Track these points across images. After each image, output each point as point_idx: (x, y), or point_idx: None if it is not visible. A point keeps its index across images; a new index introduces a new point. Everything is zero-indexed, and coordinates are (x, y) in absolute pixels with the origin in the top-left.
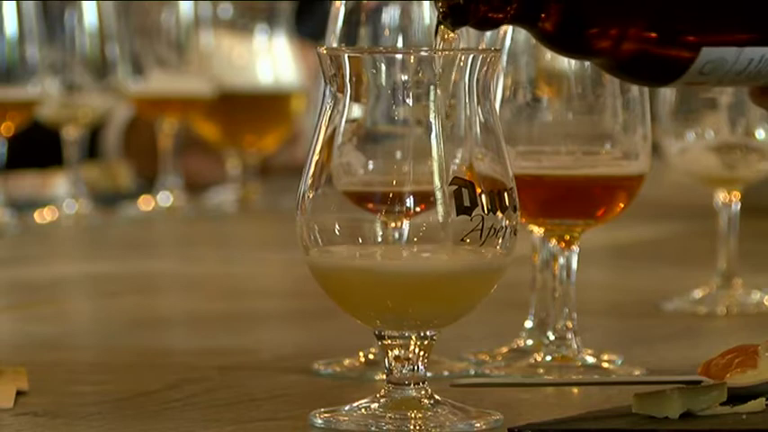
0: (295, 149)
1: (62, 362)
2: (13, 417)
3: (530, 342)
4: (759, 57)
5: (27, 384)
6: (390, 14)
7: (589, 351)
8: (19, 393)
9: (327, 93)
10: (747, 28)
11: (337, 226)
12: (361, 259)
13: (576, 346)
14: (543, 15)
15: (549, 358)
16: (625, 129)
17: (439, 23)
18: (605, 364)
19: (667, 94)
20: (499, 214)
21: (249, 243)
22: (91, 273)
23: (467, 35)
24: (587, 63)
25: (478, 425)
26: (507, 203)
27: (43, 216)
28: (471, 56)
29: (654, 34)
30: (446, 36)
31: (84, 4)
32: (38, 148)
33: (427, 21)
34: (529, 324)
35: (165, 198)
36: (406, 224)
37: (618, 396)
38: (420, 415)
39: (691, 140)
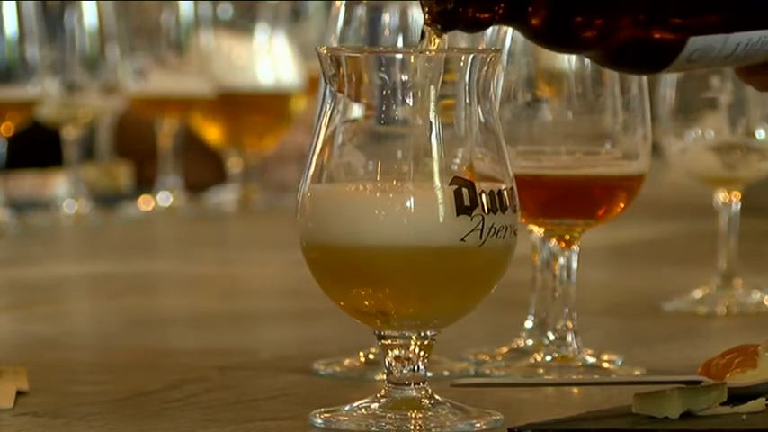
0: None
1: (62, 362)
2: (13, 417)
3: (530, 342)
4: (745, 41)
5: (27, 384)
6: (390, 15)
7: (589, 351)
8: (19, 393)
9: (327, 93)
10: (732, 14)
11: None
12: (358, 242)
13: (576, 346)
14: (531, 11)
15: (549, 358)
16: (625, 129)
17: (425, 26)
18: (605, 364)
19: (667, 94)
20: (499, 214)
21: (249, 243)
22: (91, 273)
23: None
24: (587, 62)
25: (478, 425)
26: (507, 203)
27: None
28: (471, 56)
29: (641, 25)
30: (433, 40)
31: (84, 4)
32: (38, 148)
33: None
34: (529, 324)
35: (164, 198)
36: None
37: (618, 396)
38: (420, 415)
39: (691, 140)
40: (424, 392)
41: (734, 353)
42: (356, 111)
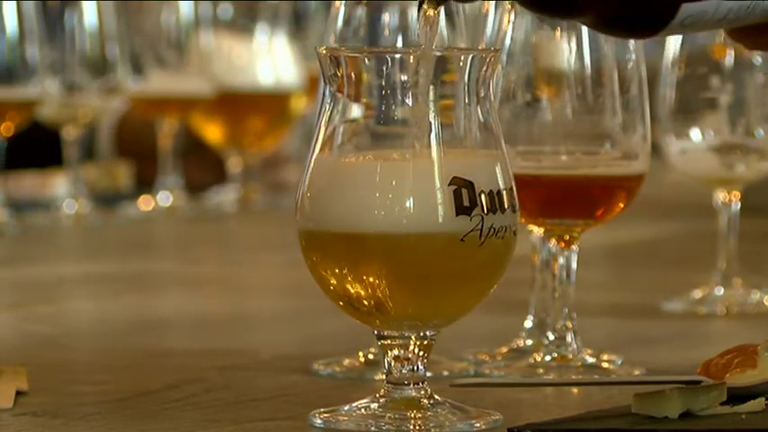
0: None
1: (62, 362)
2: (12, 417)
3: (529, 342)
4: (737, 6)
5: (27, 384)
6: (390, 15)
7: (589, 351)
8: (19, 393)
9: (327, 93)
10: None
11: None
12: (357, 242)
13: (575, 347)
14: None
15: (548, 358)
16: (625, 129)
17: (421, 3)
18: (605, 364)
19: (667, 94)
20: (498, 214)
21: (249, 243)
22: (91, 273)
23: (465, 34)
24: (587, 63)
25: (478, 425)
26: (507, 203)
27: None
28: (471, 55)
29: None
30: (428, 14)
31: (84, 4)
32: (38, 148)
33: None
34: (529, 324)
35: (164, 198)
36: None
37: (617, 396)
38: (420, 415)
39: (691, 140)
40: (423, 392)
41: (733, 353)
42: (356, 111)
